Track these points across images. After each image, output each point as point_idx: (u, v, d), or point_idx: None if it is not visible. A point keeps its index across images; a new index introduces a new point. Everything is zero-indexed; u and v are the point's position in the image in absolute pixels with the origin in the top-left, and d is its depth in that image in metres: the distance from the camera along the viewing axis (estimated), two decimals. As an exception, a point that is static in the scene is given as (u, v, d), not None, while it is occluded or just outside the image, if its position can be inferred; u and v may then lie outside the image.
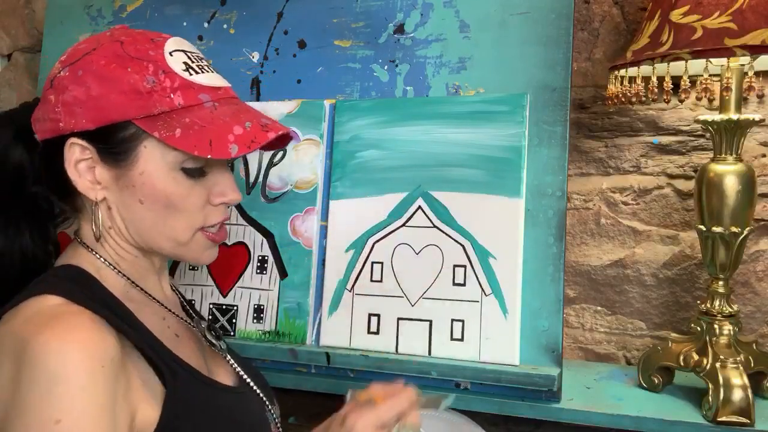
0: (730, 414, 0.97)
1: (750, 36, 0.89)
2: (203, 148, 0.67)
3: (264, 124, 0.71)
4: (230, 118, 0.70)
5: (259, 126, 0.70)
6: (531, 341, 1.02)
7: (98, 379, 0.58)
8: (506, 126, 1.06)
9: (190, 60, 0.72)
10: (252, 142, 0.69)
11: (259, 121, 0.71)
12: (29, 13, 1.63)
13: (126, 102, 0.68)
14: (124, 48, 0.70)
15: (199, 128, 0.68)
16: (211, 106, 0.71)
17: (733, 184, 1.02)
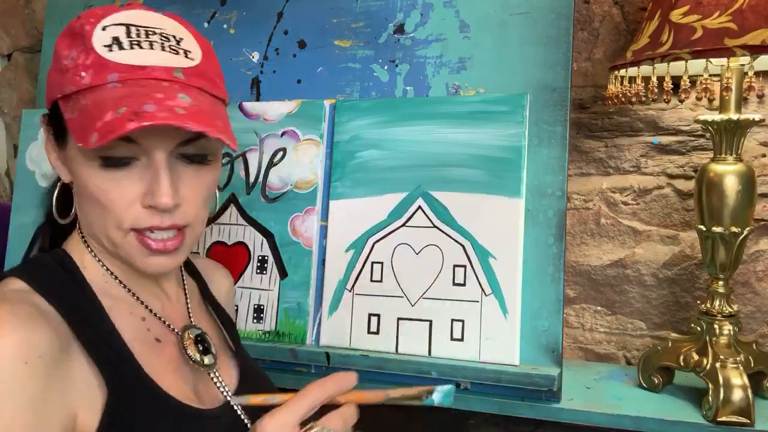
0: (730, 414, 0.97)
1: (750, 36, 0.89)
2: (81, 134, 0.59)
3: (138, 112, 0.57)
4: (113, 102, 0.59)
5: (131, 113, 0.57)
6: (531, 341, 1.02)
7: (19, 374, 0.54)
8: (506, 126, 1.06)
9: (128, 35, 0.62)
10: (109, 132, 0.56)
11: (138, 108, 0.58)
12: (29, 13, 1.63)
13: (55, 80, 0.64)
14: (77, 21, 0.64)
15: (87, 113, 0.60)
16: (112, 87, 0.60)
17: (733, 184, 1.02)
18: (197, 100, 0.62)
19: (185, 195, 0.65)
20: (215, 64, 0.69)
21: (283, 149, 1.16)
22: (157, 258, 0.66)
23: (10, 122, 1.66)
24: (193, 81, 0.64)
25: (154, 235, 0.64)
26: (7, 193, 1.66)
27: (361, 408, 0.69)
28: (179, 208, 0.64)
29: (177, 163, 0.65)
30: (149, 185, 0.63)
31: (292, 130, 1.16)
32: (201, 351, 0.72)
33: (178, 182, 0.64)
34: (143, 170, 0.63)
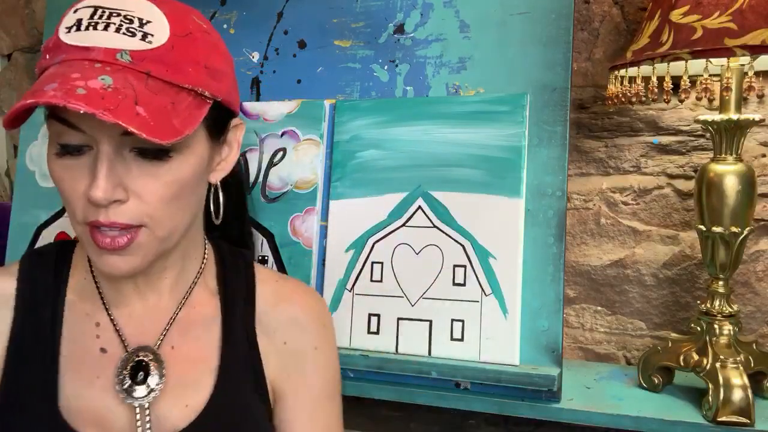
0: (730, 414, 0.97)
1: (750, 36, 0.89)
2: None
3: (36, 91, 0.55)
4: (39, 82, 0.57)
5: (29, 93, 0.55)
6: (531, 341, 1.02)
7: None
8: (506, 126, 1.06)
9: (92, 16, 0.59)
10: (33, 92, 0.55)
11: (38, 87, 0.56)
12: (29, 13, 1.63)
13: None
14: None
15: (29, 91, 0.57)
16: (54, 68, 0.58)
17: (733, 184, 1.02)
18: (126, 84, 0.57)
19: (135, 189, 0.60)
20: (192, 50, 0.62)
21: (283, 149, 1.16)
22: (109, 257, 0.61)
23: (10, 122, 1.66)
24: (140, 65, 0.58)
25: (101, 231, 0.60)
26: (7, 193, 1.66)
27: (361, 408, 0.68)
28: (124, 204, 0.59)
29: (130, 156, 0.60)
30: (89, 178, 0.59)
31: (292, 130, 1.16)
32: (135, 380, 0.65)
33: (127, 177, 0.59)
34: (93, 162, 0.59)
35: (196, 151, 0.63)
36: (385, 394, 1.08)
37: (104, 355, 0.67)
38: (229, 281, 0.75)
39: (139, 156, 0.60)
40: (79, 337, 0.67)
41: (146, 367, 0.66)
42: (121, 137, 0.59)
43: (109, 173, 0.58)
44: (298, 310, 0.76)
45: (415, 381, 1.05)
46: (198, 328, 0.72)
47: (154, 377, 0.66)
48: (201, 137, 0.64)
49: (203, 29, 0.64)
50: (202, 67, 0.62)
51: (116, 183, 0.59)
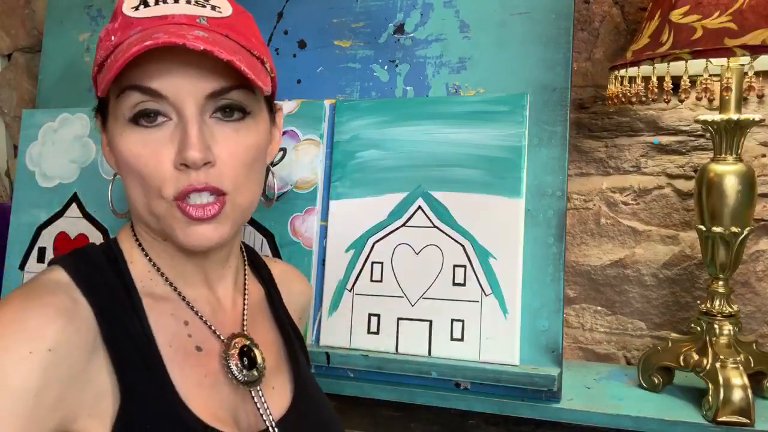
0: (730, 414, 0.97)
1: (750, 36, 0.89)
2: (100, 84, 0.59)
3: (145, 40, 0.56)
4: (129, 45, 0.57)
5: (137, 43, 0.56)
6: (531, 341, 1.02)
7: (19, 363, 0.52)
8: (506, 126, 1.06)
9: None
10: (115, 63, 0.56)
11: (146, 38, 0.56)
12: (29, 13, 1.63)
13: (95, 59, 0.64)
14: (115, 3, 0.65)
15: (110, 64, 0.58)
16: (133, 36, 0.59)
17: (733, 184, 1.02)
18: (216, 39, 0.59)
19: (220, 155, 0.60)
20: (252, 27, 0.66)
21: (283, 149, 1.16)
22: (198, 227, 0.60)
23: (10, 122, 1.66)
24: (217, 28, 0.61)
25: (191, 200, 0.59)
26: (7, 193, 1.66)
27: (361, 408, 0.68)
28: (213, 167, 0.60)
29: (211, 121, 0.61)
30: (179, 144, 0.59)
31: (292, 130, 1.16)
32: (245, 365, 0.66)
33: (211, 140, 0.60)
34: (175, 130, 0.59)
35: (264, 118, 0.66)
36: (385, 394, 1.08)
37: (201, 353, 0.65)
38: (258, 267, 0.80)
39: (220, 119, 0.61)
40: (173, 339, 0.64)
41: (249, 350, 0.67)
42: (205, 100, 0.60)
43: (200, 134, 0.59)
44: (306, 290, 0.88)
45: (415, 381, 1.05)
46: (258, 313, 0.75)
47: (259, 359, 0.68)
48: (264, 108, 0.67)
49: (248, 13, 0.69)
50: (261, 42, 0.66)
51: (207, 145, 0.59)
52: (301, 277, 0.89)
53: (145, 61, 0.58)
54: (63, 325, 0.55)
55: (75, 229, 1.26)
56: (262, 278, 0.79)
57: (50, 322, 0.55)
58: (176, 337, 0.64)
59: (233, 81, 0.60)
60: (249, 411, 0.66)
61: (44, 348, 0.53)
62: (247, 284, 0.75)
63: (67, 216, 1.28)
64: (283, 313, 0.78)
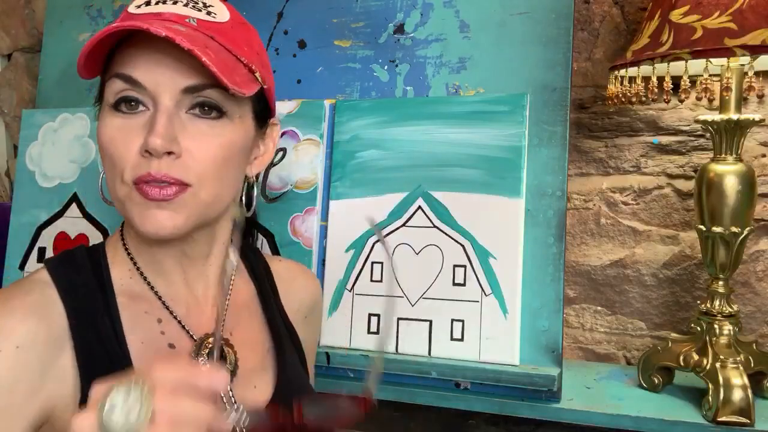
0: (730, 414, 0.97)
1: (750, 36, 0.89)
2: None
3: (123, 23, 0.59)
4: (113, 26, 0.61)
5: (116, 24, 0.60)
6: (531, 341, 1.02)
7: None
8: (506, 126, 1.06)
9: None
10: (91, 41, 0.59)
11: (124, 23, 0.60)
12: (29, 13, 1.63)
13: None
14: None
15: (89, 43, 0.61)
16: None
17: (733, 184, 1.02)
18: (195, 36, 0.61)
19: (188, 148, 0.62)
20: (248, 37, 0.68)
21: (283, 149, 1.16)
22: (154, 211, 0.61)
23: (10, 122, 1.66)
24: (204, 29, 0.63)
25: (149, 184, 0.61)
26: (7, 193, 1.66)
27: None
28: (178, 159, 0.61)
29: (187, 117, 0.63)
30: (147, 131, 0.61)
31: (292, 130, 1.16)
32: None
33: (182, 133, 0.62)
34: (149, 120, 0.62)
35: (245, 123, 0.67)
36: (385, 394, 1.08)
37: (173, 350, 0.67)
38: (254, 266, 0.80)
39: (196, 115, 0.63)
40: (145, 337, 0.66)
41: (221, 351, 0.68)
42: (181, 95, 0.62)
43: (168, 125, 0.61)
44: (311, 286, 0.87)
45: (415, 381, 1.05)
46: (245, 313, 0.76)
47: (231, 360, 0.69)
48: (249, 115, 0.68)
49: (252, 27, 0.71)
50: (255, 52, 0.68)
51: (173, 136, 0.61)
52: (306, 273, 0.88)
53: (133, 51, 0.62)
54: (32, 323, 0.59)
55: (75, 229, 1.26)
56: (256, 276, 0.80)
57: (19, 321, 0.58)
58: (149, 334, 0.66)
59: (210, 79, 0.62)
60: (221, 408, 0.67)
61: (12, 346, 0.57)
62: (233, 282, 0.76)
63: (67, 216, 1.28)
64: (278, 311, 0.79)
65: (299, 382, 0.78)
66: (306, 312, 0.85)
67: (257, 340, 0.75)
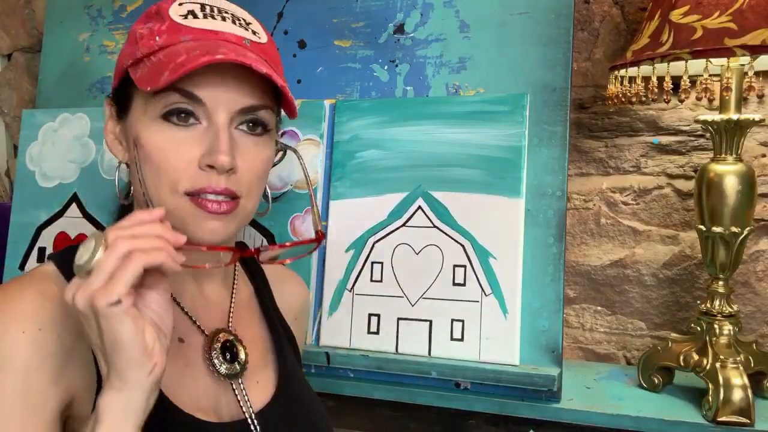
0: (730, 414, 0.97)
1: (750, 36, 0.89)
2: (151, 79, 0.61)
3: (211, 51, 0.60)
4: (185, 50, 0.61)
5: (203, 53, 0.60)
6: (531, 341, 1.02)
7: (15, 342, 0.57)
8: (506, 126, 1.06)
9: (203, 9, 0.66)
10: (181, 66, 0.59)
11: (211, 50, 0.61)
12: (29, 13, 1.63)
13: (127, 53, 0.67)
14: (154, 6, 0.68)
15: (159, 62, 0.62)
16: (185, 43, 0.63)
17: (733, 184, 1.02)
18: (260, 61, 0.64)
19: (240, 164, 0.65)
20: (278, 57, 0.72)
21: (283, 149, 1.16)
22: (211, 222, 0.64)
23: (10, 122, 1.66)
24: (258, 52, 0.66)
25: (208, 198, 0.63)
26: (7, 193, 1.66)
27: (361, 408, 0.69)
28: (234, 174, 0.64)
29: (237, 132, 0.65)
30: (209, 147, 0.63)
31: (292, 130, 1.16)
32: (227, 359, 0.69)
33: (235, 150, 0.64)
34: (203, 134, 0.63)
35: (275, 137, 0.71)
36: (385, 394, 1.08)
37: (183, 344, 0.68)
38: (250, 266, 0.82)
39: (246, 132, 0.66)
40: None
41: (232, 345, 0.70)
42: (236, 113, 0.64)
43: (230, 142, 0.63)
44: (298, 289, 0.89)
45: (415, 381, 1.05)
46: (246, 311, 0.77)
47: (242, 354, 0.71)
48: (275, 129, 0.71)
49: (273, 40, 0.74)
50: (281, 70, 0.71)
51: (233, 154, 0.63)
52: (294, 278, 0.89)
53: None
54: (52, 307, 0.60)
55: (75, 229, 1.26)
56: (253, 277, 0.82)
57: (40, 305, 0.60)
58: None
59: (264, 100, 0.66)
60: (230, 402, 0.69)
61: (35, 327, 0.59)
62: (237, 282, 0.78)
63: (67, 216, 1.28)
64: (273, 310, 0.81)
65: (299, 378, 0.79)
66: (296, 314, 0.86)
67: (258, 338, 0.77)
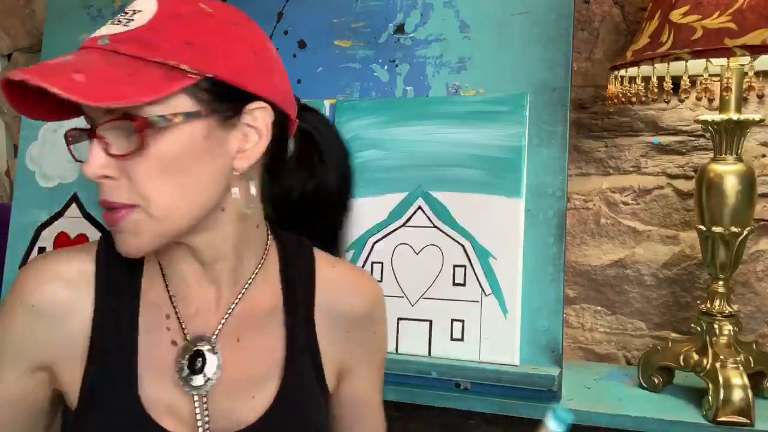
0: (730, 414, 0.97)
1: (750, 36, 0.89)
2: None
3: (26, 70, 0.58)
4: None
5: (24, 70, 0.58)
6: (531, 341, 1.02)
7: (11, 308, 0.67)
8: (506, 126, 1.06)
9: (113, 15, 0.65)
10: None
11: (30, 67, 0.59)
12: (29, 13, 1.63)
13: None
14: None
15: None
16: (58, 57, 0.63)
17: (733, 184, 1.02)
18: (81, 59, 0.61)
19: (127, 169, 0.61)
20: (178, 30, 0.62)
21: (283, 149, 1.16)
22: (119, 236, 0.63)
23: (10, 122, 1.66)
24: (112, 45, 0.61)
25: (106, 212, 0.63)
26: (7, 193, 1.66)
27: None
28: (117, 182, 0.61)
29: (120, 136, 0.61)
30: None
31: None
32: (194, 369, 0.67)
33: (119, 155, 0.61)
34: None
35: (183, 129, 0.62)
36: (385, 394, 1.07)
37: (174, 347, 0.69)
38: (290, 273, 0.76)
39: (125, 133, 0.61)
40: (153, 330, 0.68)
41: (203, 356, 0.68)
42: (104, 117, 0.61)
43: (97, 150, 0.61)
44: (357, 301, 0.77)
45: (415, 381, 1.05)
46: (262, 320, 0.73)
47: (211, 366, 0.68)
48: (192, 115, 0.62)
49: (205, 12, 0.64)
50: (183, 43, 0.62)
51: (106, 162, 0.61)
52: (358, 285, 0.78)
53: None
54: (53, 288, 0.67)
55: (75, 229, 1.26)
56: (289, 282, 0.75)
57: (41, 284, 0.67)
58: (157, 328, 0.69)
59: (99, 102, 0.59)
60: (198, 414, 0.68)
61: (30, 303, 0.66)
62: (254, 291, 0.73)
63: (67, 216, 1.28)
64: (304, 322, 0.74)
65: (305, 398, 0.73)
66: (347, 326, 0.76)
67: (269, 350, 0.72)
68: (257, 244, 0.74)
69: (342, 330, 0.76)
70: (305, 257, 0.77)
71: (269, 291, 0.74)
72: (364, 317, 0.77)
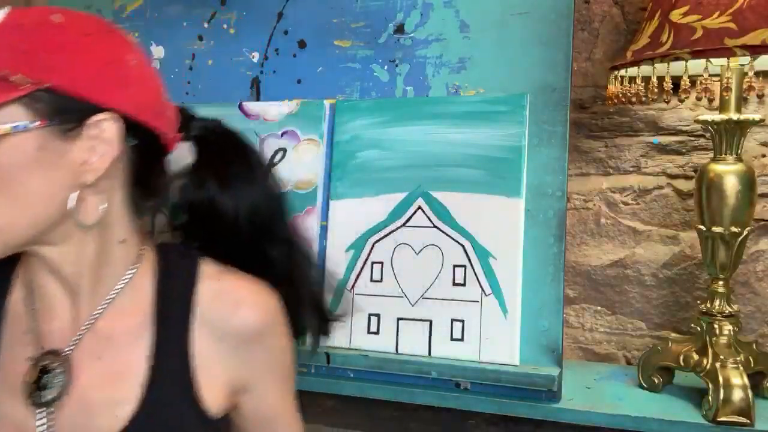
0: (730, 414, 0.97)
1: (750, 36, 0.89)
2: None
3: None
4: None
5: None
6: (531, 341, 1.02)
7: None
8: (506, 126, 1.06)
9: None
10: None
11: None
12: (29, 13, 1.63)
13: None
14: None
15: None
16: None
17: (733, 184, 1.02)
18: None
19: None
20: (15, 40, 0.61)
21: (283, 149, 1.16)
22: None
23: (10, 122, 1.66)
24: None
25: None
26: (7, 193, 1.66)
27: (361, 408, 0.68)
28: None
29: None
30: None
31: (292, 130, 1.16)
32: (39, 384, 0.65)
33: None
34: None
35: (13, 141, 0.60)
36: (385, 394, 1.08)
37: (29, 362, 0.68)
38: (167, 288, 0.72)
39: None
40: (14, 344, 0.68)
41: (50, 372, 0.66)
42: None
43: None
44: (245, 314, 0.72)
45: (415, 381, 1.05)
46: (126, 338, 0.69)
47: (57, 383, 0.66)
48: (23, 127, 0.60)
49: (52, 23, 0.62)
50: (19, 53, 0.60)
51: None
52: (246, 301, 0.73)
53: None
54: None
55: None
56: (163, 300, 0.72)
57: None
58: (18, 343, 0.69)
59: None
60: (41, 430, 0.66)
61: None
62: (118, 306, 0.70)
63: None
64: (180, 341, 0.70)
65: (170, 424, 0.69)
66: (236, 342, 0.71)
67: (130, 371, 0.68)
68: (120, 259, 0.70)
69: (230, 347, 0.71)
70: (188, 271, 0.73)
71: (136, 309, 0.70)
72: (255, 332, 0.72)
